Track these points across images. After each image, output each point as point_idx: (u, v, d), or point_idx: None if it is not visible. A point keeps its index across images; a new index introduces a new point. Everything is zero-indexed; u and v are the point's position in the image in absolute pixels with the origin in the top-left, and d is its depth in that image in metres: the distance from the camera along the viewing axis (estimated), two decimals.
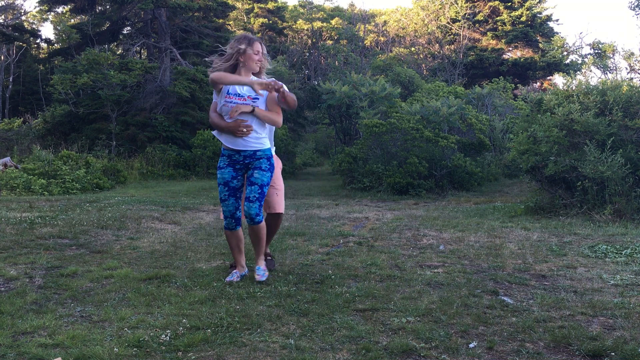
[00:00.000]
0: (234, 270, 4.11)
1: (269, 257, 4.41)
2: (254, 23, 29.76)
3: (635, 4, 11.68)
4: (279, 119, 4.10)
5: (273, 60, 23.44)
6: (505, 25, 28.68)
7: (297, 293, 3.69)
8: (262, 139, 3.99)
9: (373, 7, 54.69)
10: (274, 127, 4.32)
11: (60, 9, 24.91)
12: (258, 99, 3.93)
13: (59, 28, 28.57)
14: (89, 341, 2.79)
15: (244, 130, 3.89)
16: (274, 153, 4.38)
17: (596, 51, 9.52)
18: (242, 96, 3.92)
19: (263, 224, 4.04)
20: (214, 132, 4.12)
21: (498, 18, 29.00)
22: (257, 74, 4.10)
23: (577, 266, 4.54)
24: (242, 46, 3.98)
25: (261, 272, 4.06)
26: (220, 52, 4.12)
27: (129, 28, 21.26)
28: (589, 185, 6.97)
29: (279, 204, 4.30)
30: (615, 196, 6.82)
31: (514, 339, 2.92)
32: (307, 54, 29.69)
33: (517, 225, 6.63)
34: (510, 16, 28.60)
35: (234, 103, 3.91)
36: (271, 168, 4.02)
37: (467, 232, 6.21)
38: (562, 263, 4.65)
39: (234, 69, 4.02)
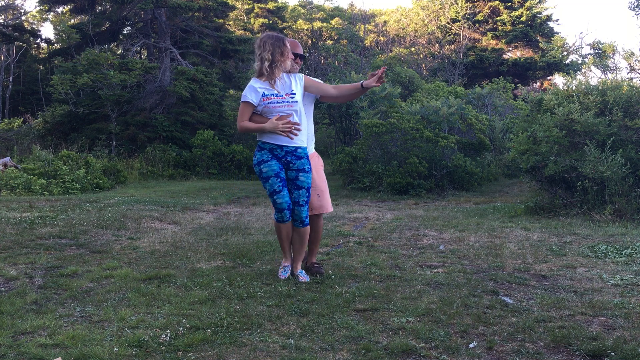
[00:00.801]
0: (285, 265, 4.10)
1: (317, 265, 4.32)
2: (254, 23, 29.75)
3: (635, 4, 11.68)
4: (332, 89, 4.15)
5: None
6: (505, 25, 28.68)
7: (297, 293, 3.69)
8: (302, 135, 3.97)
9: (373, 7, 54.72)
10: (312, 125, 4.28)
11: (60, 9, 24.91)
12: (295, 93, 3.92)
13: (59, 28, 28.55)
14: (89, 341, 2.79)
15: (293, 129, 3.88)
16: (314, 150, 4.35)
17: (596, 51, 9.53)
18: (280, 95, 3.90)
19: (308, 227, 4.05)
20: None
21: (498, 18, 29.00)
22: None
23: (577, 266, 4.54)
24: (278, 48, 3.90)
25: (303, 273, 4.08)
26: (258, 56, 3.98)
27: (129, 28, 21.25)
28: (589, 185, 6.97)
29: (324, 204, 4.21)
30: (615, 196, 6.82)
31: (514, 339, 2.92)
32: (307, 54, 29.69)
33: (517, 225, 6.63)
34: (510, 16, 28.59)
35: (274, 103, 3.87)
36: (310, 168, 4.02)
37: (467, 232, 6.21)
38: (562, 263, 4.65)
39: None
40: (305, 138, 4.05)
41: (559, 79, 27.47)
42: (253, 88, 3.91)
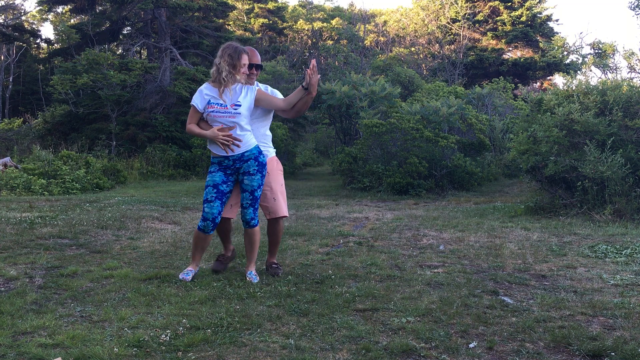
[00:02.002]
0: (189, 269, 4.08)
1: (275, 265, 4.33)
2: (254, 23, 29.75)
3: (635, 4, 11.67)
4: (281, 102, 4.14)
5: (273, 60, 23.46)
6: (505, 25, 28.68)
7: (297, 293, 3.69)
8: (248, 141, 3.99)
9: (373, 7, 54.71)
10: (268, 131, 4.32)
11: (60, 9, 24.93)
12: (240, 105, 3.95)
13: (59, 28, 28.56)
14: (89, 341, 2.79)
15: (232, 143, 3.91)
16: (274, 155, 4.36)
17: (596, 51, 9.52)
18: (224, 105, 3.95)
19: (258, 228, 4.07)
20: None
21: (498, 18, 29.00)
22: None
23: (577, 266, 4.54)
24: (228, 59, 3.96)
25: (253, 275, 4.08)
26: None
27: (129, 28, 21.23)
28: (589, 185, 6.97)
29: (279, 208, 4.18)
30: (615, 196, 6.82)
31: (514, 339, 2.92)
32: (307, 54, 29.68)
33: (517, 225, 6.63)
34: (510, 16, 28.59)
35: (216, 112, 3.93)
36: (260, 168, 4.01)
37: (467, 232, 6.21)
38: (562, 263, 4.65)
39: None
40: (254, 138, 4.05)
41: (559, 79, 27.49)
42: (201, 93, 4.02)
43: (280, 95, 4.31)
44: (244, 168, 3.99)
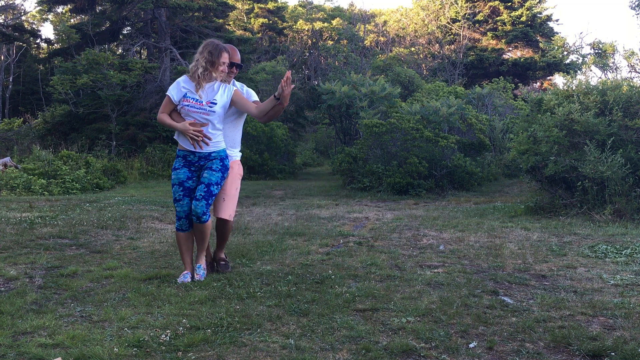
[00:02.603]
0: (185, 272, 4.08)
1: (223, 262, 4.35)
2: (254, 23, 29.74)
3: (636, 3, 11.66)
4: (254, 109, 4.11)
5: (273, 60, 23.44)
6: (505, 25, 28.68)
7: (297, 293, 3.69)
8: (218, 141, 4.00)
9: (373, 7, 54.70)
10: (240, 132, 4.33)
11: (60, 9, 24.91)
12: (216, 103, 3.95)
13: (59, 28, 28.55)
14: (89, 341, 2.79)
15: (201, 140, 3.91)
16: (238, 159, 4.35)
17: (596, 51, 9.51)
18: (199, 101, 3.94)
19: (209, 223, 4.04)
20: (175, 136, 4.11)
21: (498, 18, 29.00)
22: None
23: (577, 266, 4.54)
24: (208, 56, 3.95)
25: (201, 271, 4.09)
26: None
27: (129, 28, 21.23)
28: (589, 185, 6.97)
29: (225, 209, 4.16)
30: (615, 196, 6.82)
31: (514, 339, 2.92)
32: (307, 54, 29.68)
33: (517, 225, 6.63)
34: (510, 16, 28.59)
35: (191, 107, 3.93)
36: (223, 169, 4.02)
37: (467, 232, 6.21)
38: (562, 263, 4.65)
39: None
40: (223, 141, 4.06)
41: (559, 79, 27.47)
42: (178, 85, 4.02)
43: (255, 97, 4.32)
44: (208, 164, 4.00)
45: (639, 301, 3.52)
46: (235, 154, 4.31)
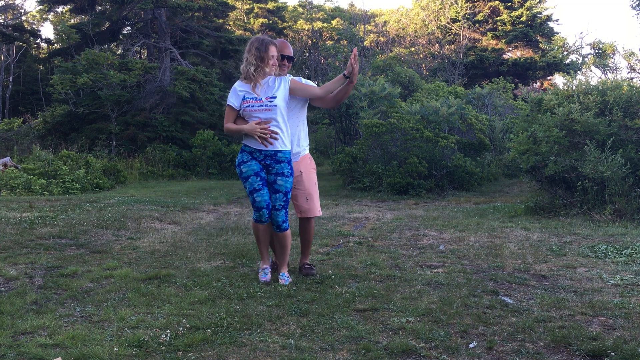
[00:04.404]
0: (264, 267, 4.07)
1: (308, 265, 4.31)
2: (254, 23, 29.73)
3: (637, 3, 11.66)
4: (318, 90, 4.07)
5: None
6: (505, 25, 28.68)
7: (297, 293, 3.69)
8: (285, 138, 3.96)
9: (373, 8, 54.71)
10: (305, 126, 4.27)
11: (60, 9, 24.90)
12: (275, 97, 3.92)
13: (59, 28, 28.55)
14: (89, 341, 2.79)
15: (269, 137, 3.88)
16: (307, 152, 4.31)
17: (596, 51, 9.51)
18: (259, 99, 3.91)
19: (289, 232, 4.02)
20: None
21: (498, 18, 29.00)
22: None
23: (577, 266, 4.54)
24: (256, 52, 3.91)
25: (285, 277, 4.03)
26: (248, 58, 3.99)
27: (129, 28, 21.25)
28: (589, 185, 6.97)
29: (312, 209, 4.16)
30: (615, 196, 6.82)
31: (514, 339, 2.92)
32: (307, 54, 29.68)
33: (517, 225, 6.63)
34: (510, 16, 28.59)
35: (252, 107, 3.90)
36: (292, 173, 4.00)
37: (467, 232, 6.21)
38: (562, 263, 4.65)
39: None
40: (289, 141, 4.02)
41: (559, 79, 27.46)
42: (235, 91, 3.99)
43: (313, 85, 4.24)
44: (277, 169, 3.94)
45: (639, 301, 3.52)
46: (303, 149, 4.25)
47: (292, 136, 4.11)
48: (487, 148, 13.53)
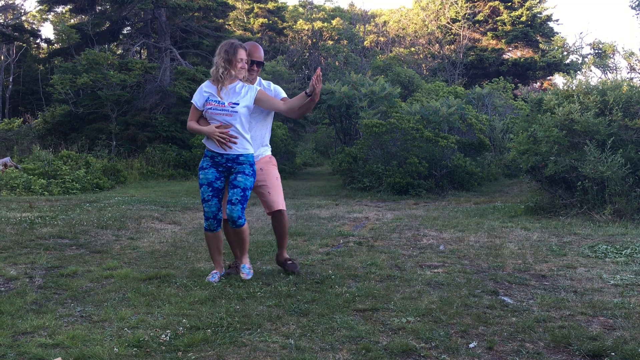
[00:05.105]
0: (214, 271, 4.09)
1: (290, 261, 4.32)
2: (254, 23, 29.73)
3: (636, 3, 11.66)
4: (282, 105, 4.12)
5: (273, 60, 23.44)
6: (505, 25, 28.68)
7: (297, 293, 3.69)
8: (245, 143, 3.99)
9: (373, 8, 54.71)
10: (269, 131, 4.33)
11: (60, 9, 24.91)
12: (238, 104, 3.94)
13: (59, 28, 28.54)
14: (89, 341, 2.79)
15: (228, 141, 3.91)
16: (269, 153, 4.37)
17: (596, 51, 9.51)
18: (221, 103, 3.95)
19: (246, 227, 4.05)
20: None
21: (498, 18, 29.00)
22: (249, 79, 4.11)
23: (577, 266, 4.54)
24: (224, 55, 3.95)
25: (246, 269, 4.10)
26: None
27: (129, 28, 21.25)
28: (589, 185, 6.97)
29: (275, 202, 4.19)
30: (615, 196, 6.82)
31: (514, 339, 2.92)
32: (307, 54, 29.69)
33: (517, 225, 6.63)
34: (510, 16, 28.59)
35: (213, 110, 3.93)
36: (254, 174, 4.03)
37: (467, 232, 6.21)
38: (562, 263, 4.65)
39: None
40: (251, 146, 4.04)
41: (559, 79, 27.46)
42: (201, 91, 4.03)
43: (283, 94, 4.30)
44: (239, 169, 3.98)
45: (639, 301, 3.52)
46: (265, 151, 4.31)
47: (255, 140, 4.15)
48: (487, 148, 13.53)
